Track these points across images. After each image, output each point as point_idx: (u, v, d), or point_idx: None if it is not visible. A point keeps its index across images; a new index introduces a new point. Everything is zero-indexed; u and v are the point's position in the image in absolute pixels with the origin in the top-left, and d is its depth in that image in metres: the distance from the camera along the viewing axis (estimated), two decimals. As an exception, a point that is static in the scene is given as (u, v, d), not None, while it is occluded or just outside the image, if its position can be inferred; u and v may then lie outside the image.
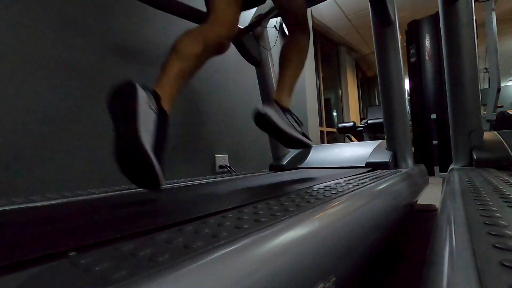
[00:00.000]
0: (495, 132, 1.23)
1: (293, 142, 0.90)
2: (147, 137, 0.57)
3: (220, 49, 0.79)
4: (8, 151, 0.95)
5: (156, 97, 0.64)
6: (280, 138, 0.88)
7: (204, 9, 0.89)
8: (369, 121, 3.24)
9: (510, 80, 8.53)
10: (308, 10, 3.32)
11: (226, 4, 0.80)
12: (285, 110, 0.89)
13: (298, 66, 0.99)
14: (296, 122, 0.93)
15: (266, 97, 1.63)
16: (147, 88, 0.64)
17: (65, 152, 1.09)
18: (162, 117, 0.64)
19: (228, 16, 0.80)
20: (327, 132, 4.26)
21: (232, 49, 1.58)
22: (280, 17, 2.46)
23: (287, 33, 1.01)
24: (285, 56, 0.97)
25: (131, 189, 0.90)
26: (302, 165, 1.57)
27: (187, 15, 1.25)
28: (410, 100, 2.79)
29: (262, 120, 0.79)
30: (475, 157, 1.10)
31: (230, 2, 0.81)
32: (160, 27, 1.47)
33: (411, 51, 2.80)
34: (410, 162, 1.27)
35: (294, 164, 1.58)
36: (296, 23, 0.97)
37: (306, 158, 1.62)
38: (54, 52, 1.08)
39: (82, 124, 1.14)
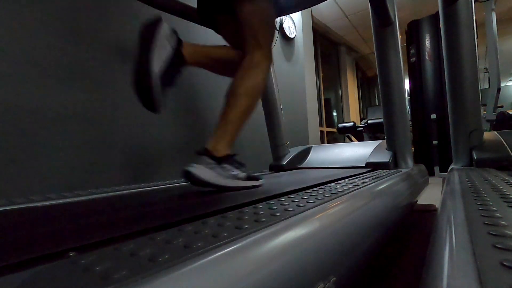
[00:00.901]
0: (495, 132, 1.23)
1: (238, 191, 0.74)
2: (157, 62, 0.69)
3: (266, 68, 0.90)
4: (6, 151, 0.95)
5: (179, 41, 0.77)
6: (223, 191, 0.73)
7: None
8: (369, 121, 3.24)
9: (510, 80, 8.53)
10: (308, 10, 3.32)
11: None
12: (221, 160, 0.74)
13: (247, 103, 0.80)
14: (237, 167, 0.78)
15: (266, 97, 1.63)
16: (174, 31, 0.77)
17: (65, 151, 1.09)
18: (177, 58, 0.76)
19: (270, 41, 0.88)
20: (327, 132, 4.26)
21: (232, 49, 1.58)
22: (280, 17, 2.47)
23: (243, 52, 0.86)
24: (233, 90, 0.80)
25: (131, 189, 0.90)
26: (302, 165, 1.57)
27: (187, 14, 1.25)
28: (410, 100, 2.79)
29: (192, 179, 0.69)
30: (475, 157, 1.10)
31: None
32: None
33: (411, 51, 2.80)
34: (410, 162, 1.27)
35: (294, 164, 1.58)
36: (255, 44, 0.83)
37: (306, 158, 1.62)
38: (54, 52, 1.08)
39: (83, 124, 1.14)
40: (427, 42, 2.65)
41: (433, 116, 2.57)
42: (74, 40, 1.14)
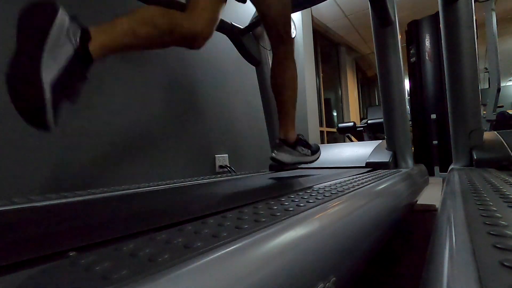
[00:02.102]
0: (495, 132, 1.23)
1: (306, 164, 1.05)
2: (50, 69, 0.50)
3: (191, 42, 0.74)
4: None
5: (85, 34, 0.55)
6: (296, 165, 1.06)
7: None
8: (369, 121, 3.24)
9: (510, 80, 8.53)
10: (308, 10, 3.32)
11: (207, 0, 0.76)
12: (295, 144, 0.99)
13: (294, 92, 0.99)
14: (305, 146, 1.02)
15: (266, 97, 1.63)
16: (75, 20, 0.56)
17: (65, 151, 1.09)
18: (82, 58, 0.55)
19: (207, 12, 0.75)
20: (327, 132, 4.26)
21: (232, 49, 1.58)
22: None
23: (271, 48, 0.98)
24: (278, 86, 0.97)
25: (131, 189, 0.90)
26: (302, 165, 1.57)
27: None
28: (410, 100, 2.79)
29: (279, 163, 0.95)
30: (475, 157, 1.10)
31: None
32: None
33: (411, 51, 2.79)
34: (410, 162, 1.27)
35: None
36: (277, 35, 0.93)
37: (306, 158, 1.62)
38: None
39: (81, 124, 1.14)
40: (427, 42, 2.65)
41: (433, 116, 2.57)
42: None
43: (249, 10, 1.53)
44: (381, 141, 1.46)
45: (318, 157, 1.06)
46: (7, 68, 0.49)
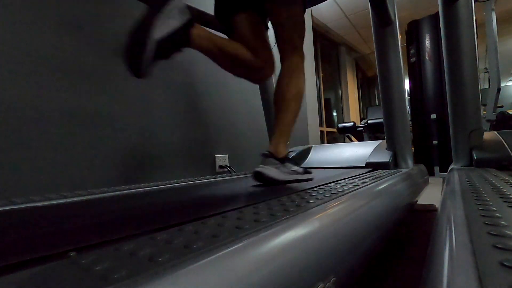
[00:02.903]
0: (495, 132, 1.23)
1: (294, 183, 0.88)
2: (160, 30, 0.66)
3: (260, 81, 1.01)
4: (4, 150, 0.95)
5: (191, 21, 0.73)
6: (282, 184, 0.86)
7: (201, 8, 0.90)
8: (369, 121, 3.24)
9: (510, 80, 8.53)
10: (308, 10, 3.32)
11: (265, 43, 0.93)
12: (284, 160, 0.86)
13: (299, 105, 0.91)
14: (294, 163, 0.91)
15: (266, 97, 1.63)
16: (189, 9, 0.73)
17: (65, 151, 1.09)
18: (183, 36, 0.71)
19: (271, 57, 0.93)
20: (327, 132, 4.26)
21: (232, 49, 1.58)
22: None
23: (280, 60, 0.93)
24: (285, 97, 0.89)
25: (131, 189, 0.90)
26: (302, 165, 1.57)
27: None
28: (410, 100, 2.79)
29: (263, 178, 0.81)
30: (475, 157, 1.10)
31: (264, 40, 0.94)
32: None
33: (411, 51, 2.80)
34: (410, 162, 1.27)
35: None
36: (293, 47, 0.90)
37: (306, 158, 1.62)
38: (54, 52, 1.08)
39: (83, 124, 1.14)
40: (427, 42, 2.65)
41: (433, 116, 2.57)
42: (75, 38, 1.14)
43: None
44: (381, 141, 1.46)
45: (312, 178, 0.90)
46: (133, 24, 0.65)
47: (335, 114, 5.22)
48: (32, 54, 1.02)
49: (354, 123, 3.44)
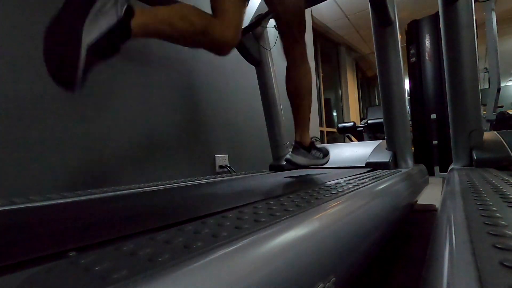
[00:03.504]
0: (495, 132, 1.23)
1: (319, 166, 1.11)
2: (92, 31, 0.53)
3: (220, 49, 0.78)
4: (4, 150, 0.95)
5: (130, 10, 0.60)
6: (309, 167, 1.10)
7: (202, 8, 0.89)
8: (369, 121, 3.24)
9: (510, 80, 8.53)
10: (308, 10, 3.33)
11: (234, 6, 0.79)
12: (309, 147, 1.02)
13: (311, 95, 1.01)
14: (318, 149, 1.07)
15: (266, 97, 1.63)
16: None
17: (64, 151, 1.09)
18: (121, 30, 0.58)
19: (236, 20, 0.80)
20: (327, 132, 4.26)
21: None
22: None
23: (283, 51, 0.98)
24: (297, 90, 0.98)
25: (131, 189, 0.90)
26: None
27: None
28: (410, 100, 2.79)
29: (293, 164, 1.00)
30: (475, 157, 1.10)
31: (237, 4, 0.79)
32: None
33: (411, 51, 2.79)
34: (410, 162, 1.27)
35: (294, 164, 1.58)
36: (293, 37, 0.93)
37: (306, 158, 1.62)
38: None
39: (81, 124, 1.14)
40: (427, 42, 2.65)
41: (433, 116, 2.57)
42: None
43: (249, 10, 1.53)
44: (381, 141, 1.46)
45: (328, 160, 1.10)
46: (49, 23, 0.52)
47: (335, 114, 5.22)
48: (28, 51, 1.03)
49: (354, 123, 3.44)
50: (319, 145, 1.09)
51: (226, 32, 0.76)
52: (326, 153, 1.09)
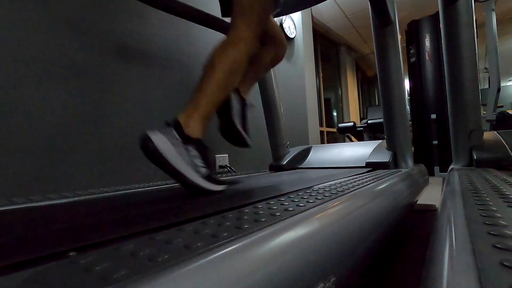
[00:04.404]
0: (495, 132, 1.23)
1: (189, 186, 0.67)
2: (237, 120, 0.90)
3: (277, 63, 1.06)
4: (6, 152, 0.95)
5: (238, 92, 0.93)
6: (174, 177, 0.64)
7: (202, 8, 0.90)
8: (369, 121, 3.24)
9: (510, 80, 8.53)
10: (308, 10, 3.32)
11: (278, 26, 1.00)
12: (189, 140, 0.68)
13: (224, 82, 0.73)
14: (201, 158, 0.72)
15: (266, 97, 1.63)
16: (236, 92, 0.92)
17: (63, 151, 1.09)
18: (242, 105, 0.94)
19: (282, 34, 1.04)
20: (327, 132, 4.26)
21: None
22: (280, 17, 2.46)
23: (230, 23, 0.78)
24: (212, 61, 0.72)
25: (131, 189, 0.90)
26: (302, 165, 1.57)
27: (187, 15, 1.25)
28: (410, 100, 2.79)
29: (149, 148, 0.58)
30: (475, 157, 1.10)
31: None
32: (161, 27, 1.47)
33: (411, 51, 2.79)
34: (410, 162, 1.27)
35: (294, 164, 1.58)
36: (242, 16, 0.76)
37: (306, 158, 1.62)
38: (55, 53, 1.08)
39: (81, 124, 1.14)
40: (427, 42, 2.65)
41: (433, 116, 2.57)
42: (75, 39, 1.14)
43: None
44: (381, 141, 1.46)
45: (217, 189, 0.70)
46: (220, 127, 0.92)
47: (335, 114, 5.22)
48: (30, 54, 1.02)
49: (354, 123, 3.44)
50: (222, 176, 0.91)
51: (280, 55, 1.04)
52: (216, 180, 0.73)
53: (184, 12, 1.23)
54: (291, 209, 0.41)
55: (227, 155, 1.79)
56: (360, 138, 3.50)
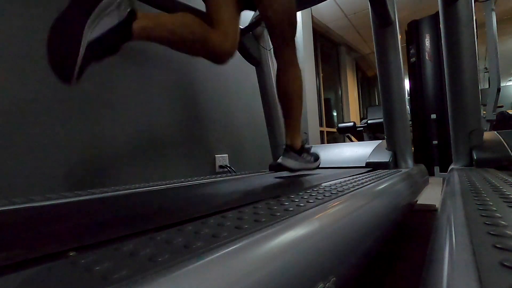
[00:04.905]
0: (495, 132, 1.23)
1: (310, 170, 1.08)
2: (92, 29, 0.56)
3: (218, 58, 0.83)
4: (4, 150, 0.95)
5: (132, 13, 0.62)
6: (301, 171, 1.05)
7: (202, 8, 0.89)
8: (369, 121, 3.24)
9: (510, 80, 8.52)
10: (308, 10, 3.32)
11: (231, 17, 0.82)
12: (300, 150, 1.01)
13: (301, 99, 0.99)
14: (308, 153, 1.05)
15: (266, 97, 1.63)
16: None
17: (63, 150, 1.09)
18: (123, 31, 0.61)
19: (234, 30, 0.83)
20: (327, 132, 4.26)
21: (232, 49, 1.58)
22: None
23: (274, 55, 0.98)
24: (287, 94, 0.97)
25: (131, 189, 0.90)
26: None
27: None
28: (410, 100, 2.79)
29: (285, 169, 0.98)
30: (475, 157, 1.10)
31: (233, 15, 0.83)
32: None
33: (411, 51, 2.79)
34: (410, 162, 1.27)
35: (294, 164, 1.58)
36: (283, 39, 0.91)
37: (306, 158, 1.62)
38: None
39: (81, 124, 1.14)
40: (427, 42, 2.65)
41: (433, 116, 2.57)
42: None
43: (249, 11, 1.52)
44: (381, 141, 1.46)
45: (319, 165, 1.09)
46: (54, 19, 0.55)
47: (335, 114, 5.22)
48: (23, 50, 1.02)
49: (354, 123, 3.44)
50: (310, 149, 1.07)
51: (224, 42, 0.80)
52: (316, 157, 1.08)
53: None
54: (291, 209, 0.41)
55: (227, 155, 1.79)
56: (360, 138, 3.49)
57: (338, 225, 0.42)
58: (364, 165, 1.32)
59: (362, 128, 3.38)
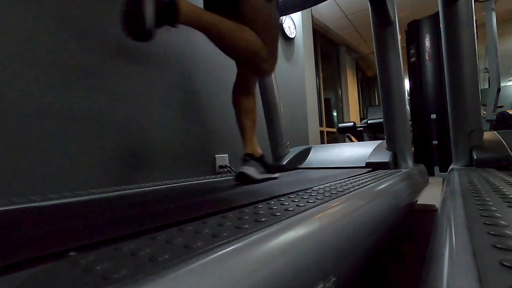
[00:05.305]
0: (495, 132, 1.23)
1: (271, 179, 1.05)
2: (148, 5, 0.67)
3: (262, 74, 1.05)
4: (9, 151, 0.95)
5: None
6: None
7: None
8: (369, 121, 3.24)
9: (510, 80, 8.52)
10: (308, 10, 3.32)
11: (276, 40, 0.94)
12: (260, 158, 1.03)
13: (255, 113, 1.09)
14: (265, 163, 1.05)
15: (266, 97, 1.63)
16: None
17: (63, 151, 1.09)
18: (168, 13, 0.71)
19: (277, 56, 0.96)
20: (327, 132, 4.26)
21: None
22: (280, 17, 2.47)
23: (238, 71, 1.08)
24: (247, 110, 1.08)
25: (131, 189, 0.90)
26: (302, 165, 1.57)
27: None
28: (410, 100, 2.79)
29: (248, 179, 0.93)
30: (475, 157, 1.10)
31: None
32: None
33: (411, 51, 2.79)
34: (410, 162, 1.27)
35: (294, 164, 1.58)
36: (258, 75, 1.04)
37: (306, 158, 1.62)
38: (55, 53, 1.08)
39: (82, 124, 1.14)
40: (427, 42, 2.65)
41: (433, 116, 2.57)
42: (76, 39, 1.14)
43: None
44: (381, 141, 1.46)
45: (276, 177, 1.06)
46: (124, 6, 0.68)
47: (335, 114, 5.22)
48: (28, 53, 1.02)
49: (354, 123, 3.44)
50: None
51: (272, 65, 0.93)
52: (276, 168, 1.11)
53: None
54: (291, 209, 0.41)
55: (227, 155, 1.79)
56: (360, 138, 3.49)
57: (338, 225, 0.42)
58: (364, 165, 1.32)
59: (362, 128, 3.38)
